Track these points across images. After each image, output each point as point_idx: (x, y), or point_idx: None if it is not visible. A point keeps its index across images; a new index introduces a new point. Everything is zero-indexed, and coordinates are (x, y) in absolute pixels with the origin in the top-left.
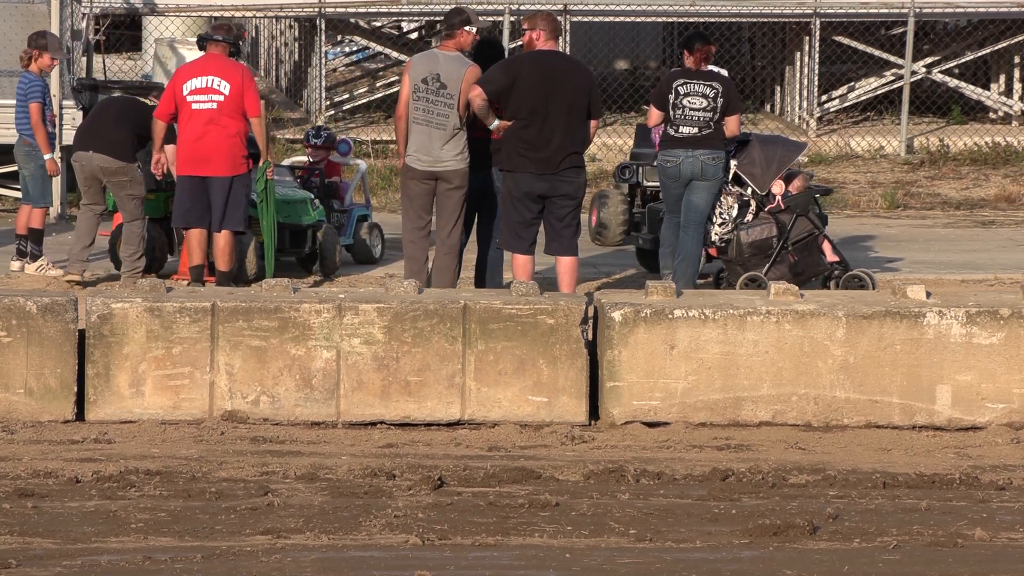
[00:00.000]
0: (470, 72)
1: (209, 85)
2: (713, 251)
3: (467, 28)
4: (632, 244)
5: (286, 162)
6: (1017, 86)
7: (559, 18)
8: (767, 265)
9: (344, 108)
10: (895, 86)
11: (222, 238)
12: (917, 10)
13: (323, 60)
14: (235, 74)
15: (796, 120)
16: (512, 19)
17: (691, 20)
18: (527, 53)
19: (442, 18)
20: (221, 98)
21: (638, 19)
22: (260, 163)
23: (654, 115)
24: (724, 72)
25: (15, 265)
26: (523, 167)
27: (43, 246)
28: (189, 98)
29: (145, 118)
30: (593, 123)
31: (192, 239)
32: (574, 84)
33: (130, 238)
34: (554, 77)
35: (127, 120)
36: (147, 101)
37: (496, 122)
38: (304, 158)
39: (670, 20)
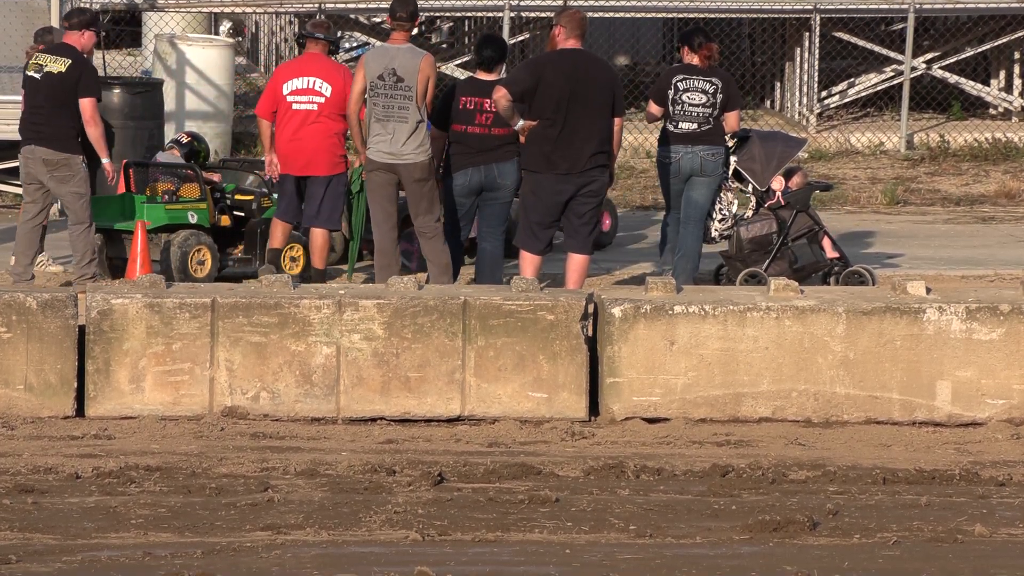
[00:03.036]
0: (425, 62)
1: (310, 86)
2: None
3: (419, 19)
4: None
5: None
6: (1017, 82)
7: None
8: (767, 261)
9: None
10: (895, 82)
11: (319, 236)
12: (917, 6)
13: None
14: (337, 76)
15: (796, 116)
16: (512, 15)
17: (691, 16)
18: (550, 52)
19: (388, 9)
20: (322, 100)
21: (638, 15)
22: (358, 163)
23: (653, 111)
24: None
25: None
26: (548, 169)
27: (44, 242)
28: (289, 98)
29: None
30: (617, 121)
31: (278, 226)
32: (598, 82)
33: (76, 243)
34: (577, 76)
35: (67, 108)
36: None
37: (520, 122)
38: None
39: (670, 16)
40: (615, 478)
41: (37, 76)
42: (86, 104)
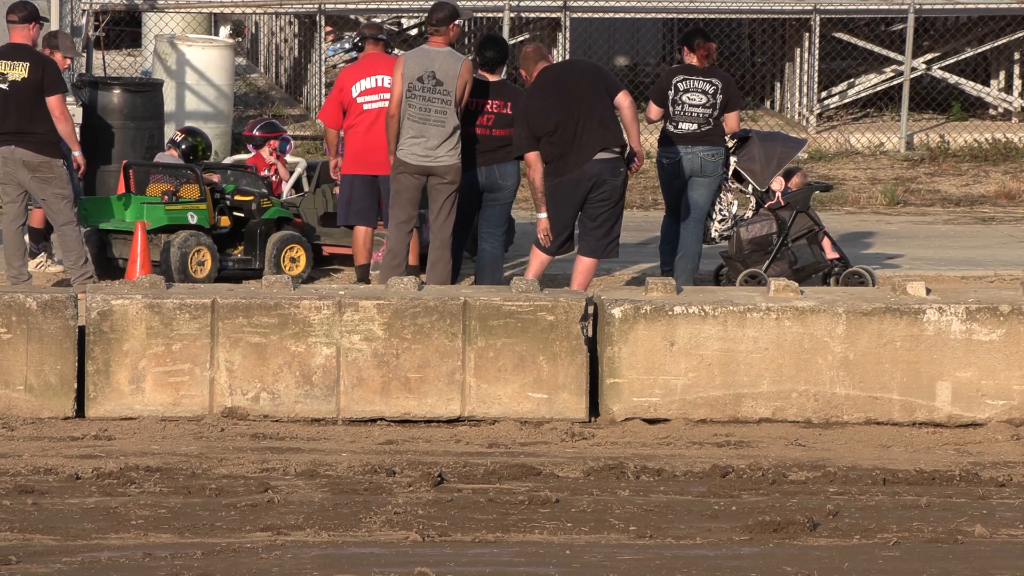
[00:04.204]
0: (464, 67)
1: (379, 84)
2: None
3: (456, 22)
4: None
5: (227, 160)
6: (1017, 82)
7: (560, 15)
8: (767, 262)
9: None
10: (895, 82)
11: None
12: (917, 6)
13: (323, 56)
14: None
15: (796, 117)
16: (512, 15)
17: (691, 16)
18: (527, 93)
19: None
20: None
21: (638, 15)
22: None
23: (653, 111)
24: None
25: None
26: (559, 175)
27: (49, 241)
28: (360, 99)
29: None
30: (620, 98)
31: (359, 237)
32: (575, 79)
33: (67, 244)
34: (555, 86)
35: (41, 110)
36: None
37: (543, 214)
38: (246, 156)
39: (670, 17)
40: (615, 479)
41: (5, 87)
42: (53, 102)
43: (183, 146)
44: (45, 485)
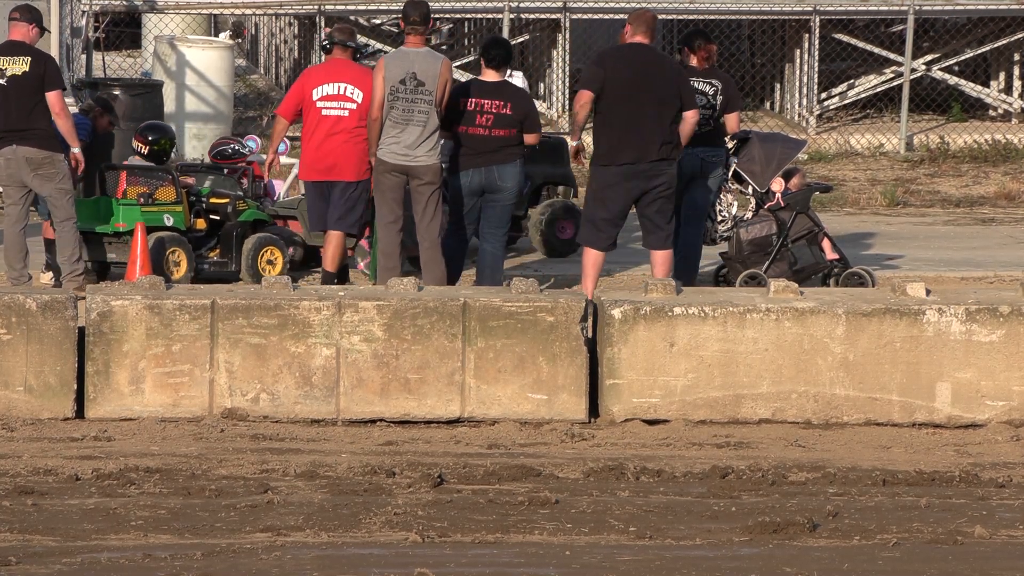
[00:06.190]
0: (444, 66)
1: (341, 92)
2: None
3: (434, 21)
4: None
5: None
6: (1017, 83)
7: (559, 16)
8: (767, 263)
9: None
10: (895, 83)
11: (335, 237)
12: (917, 7)
13: (322, 58)
14: (368, 82)
15: (796, 118)
16: (512, 16)
17: (691, 17)
18: (614, 46)
19: (401, 13)
20: (353, 106)
21: None
22: None
23: None
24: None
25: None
26: (613, 160)
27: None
28: (319, 103)
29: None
30: (689, 114)
31: (333, 242)
32: (662, 75)
33: (64, 240)
34: (643, 69)
35: (41, 105)
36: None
37: (577, 141)
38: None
39: (670, 17)
40: (615, 480)
41: (3, 82)
42: (53, 97)
43: (146, 153)
44: (45, 486)
